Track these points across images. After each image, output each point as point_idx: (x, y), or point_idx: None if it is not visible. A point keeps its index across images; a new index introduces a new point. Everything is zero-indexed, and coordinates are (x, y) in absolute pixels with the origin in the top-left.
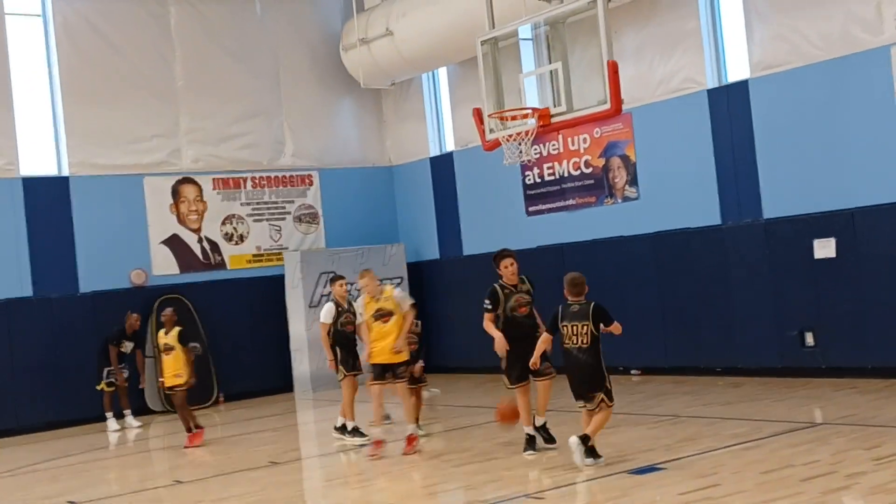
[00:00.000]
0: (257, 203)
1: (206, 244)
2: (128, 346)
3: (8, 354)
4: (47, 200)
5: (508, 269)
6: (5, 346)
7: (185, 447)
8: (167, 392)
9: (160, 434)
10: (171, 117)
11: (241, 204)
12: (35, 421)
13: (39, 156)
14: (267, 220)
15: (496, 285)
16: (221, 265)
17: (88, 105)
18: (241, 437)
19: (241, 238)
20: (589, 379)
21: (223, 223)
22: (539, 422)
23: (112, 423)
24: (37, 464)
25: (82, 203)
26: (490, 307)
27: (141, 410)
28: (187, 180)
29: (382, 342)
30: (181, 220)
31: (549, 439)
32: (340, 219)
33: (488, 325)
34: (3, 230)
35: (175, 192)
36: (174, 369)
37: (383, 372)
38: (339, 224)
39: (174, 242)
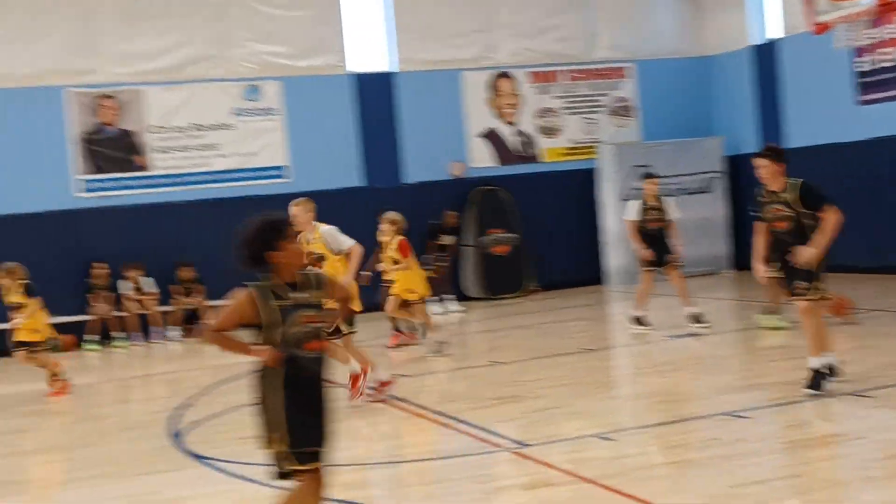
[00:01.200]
0: (572, 96)
1: (521, 137)
2: (446, 240)
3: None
4: (376, 95)
5: (758, 171)
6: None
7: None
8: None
9: (479, 318)
10: (488, 12)
11: (556, 97)
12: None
13: (367, 52)
14: (581, 113)
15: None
16: (536, 158)
17: (415, 1)
18: (555, 325)
19: (556, 131)
20: None
21: (538, 116)
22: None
23: (434, 307)
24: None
25: (407, 98)
26: (754, 214)
27: (462, 296)
28: (504, 75)
29: None
30: (498, 114)
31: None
32: (655, 111)
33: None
34: (337, 124)
35: (492, 87)
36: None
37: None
38: (653, 117)
39: (491, 135)
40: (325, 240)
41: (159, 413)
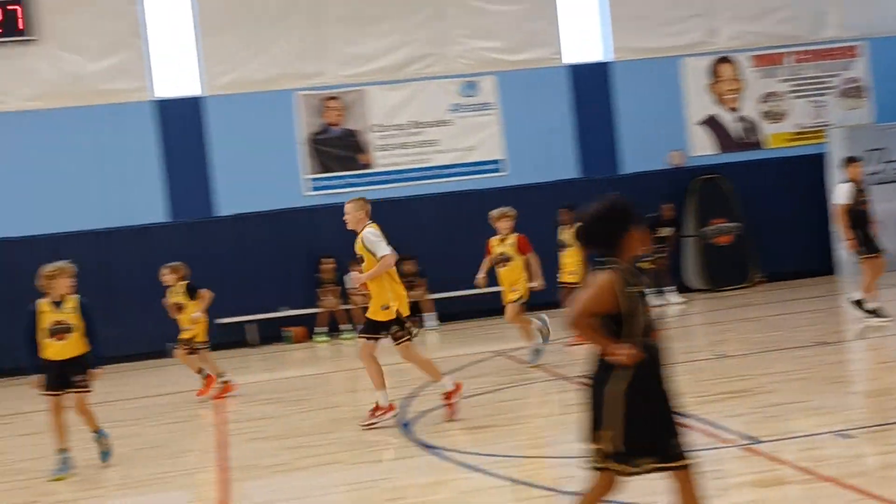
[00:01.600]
0: (798, 79)
1: (744, 123)
2: (664, 232)
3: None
4: (591, 86)
5: None
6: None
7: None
8: None
9: (702, 311)
10: None
11: (780, 81)
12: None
13: (582, 43)
14: (808, 96)
15: None
16: (759, 144)
17: None
18: (784, 317)
19: (781, 116)
20: None
21: (761, 101)
22: None
23: (654, 300)
24: None
25: (623, 87)
26: None
27: (683, 288)
28: (725, 59)
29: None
30: (719, 100)
31: None
32: (890, 91)
33: None
34: (553, 116)
35: (712, 72)
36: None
37: None
38: (888, 97)
39: (712, 122)
40: (364, 242)
41: None
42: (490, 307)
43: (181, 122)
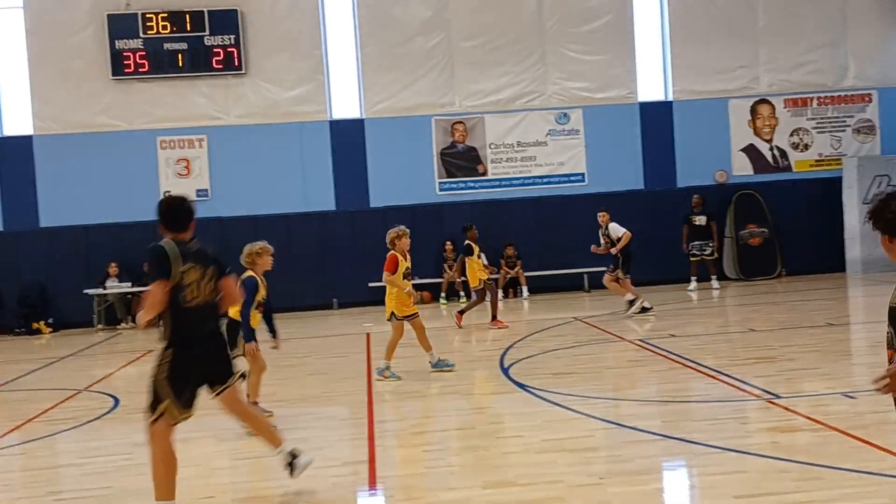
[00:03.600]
0: (821, 118)
1: (776, 152)
2: (699, 220)
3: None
4: (656, 119)
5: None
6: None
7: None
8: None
9: (735, 295)
10: (751, 52)
11: (807, 119)
12: (642, 277)
13: (650, 86)
14: (829, 132)
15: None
16: (788, 168)
17: (688, 44)
18: (802, 303)
19: (806, 147)
20: None
21: (791, 135)
22: None
23: (692, 285)
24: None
25: (681, 120)
26: None
27: (721, 277)
28: (763, 101)
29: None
30: (756, 133)
31: None
32: (894, 130)
33: None
34: (626, 142)
35: (752, 111)
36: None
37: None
38: (893, 134)
39: (750, 150)
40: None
41: (491, 352)
42: (570, 284)
43: (347, 136)
